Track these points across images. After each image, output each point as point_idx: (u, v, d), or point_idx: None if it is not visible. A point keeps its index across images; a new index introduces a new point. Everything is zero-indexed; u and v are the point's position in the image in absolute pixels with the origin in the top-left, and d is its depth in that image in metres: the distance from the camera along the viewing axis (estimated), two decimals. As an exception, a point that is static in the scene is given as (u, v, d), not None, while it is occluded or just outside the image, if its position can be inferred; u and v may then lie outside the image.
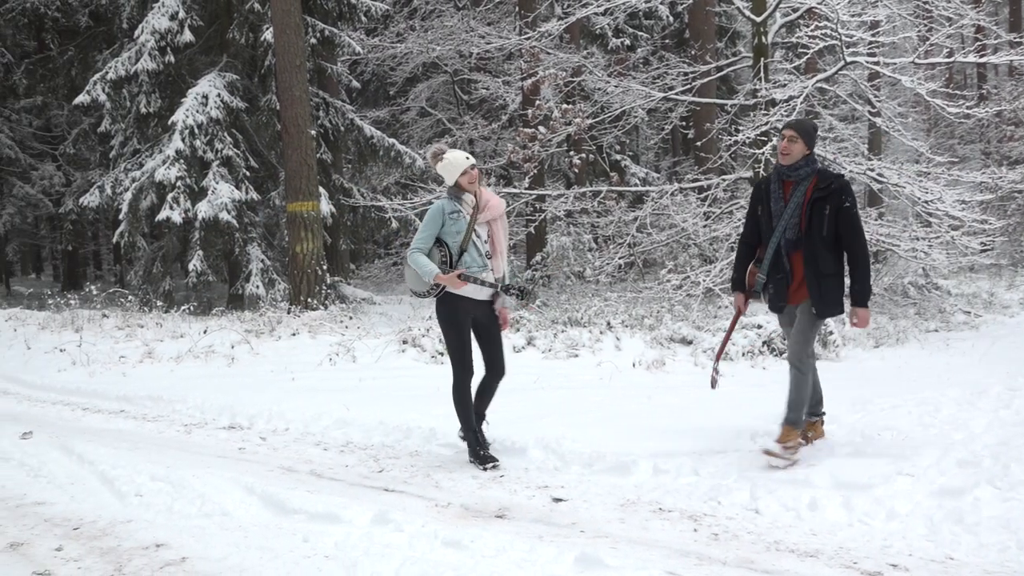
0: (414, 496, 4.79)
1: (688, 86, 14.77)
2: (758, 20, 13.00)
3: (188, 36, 16.38)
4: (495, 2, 19.65)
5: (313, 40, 17.02)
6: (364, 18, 18.43)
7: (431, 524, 4.17)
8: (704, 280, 12.56)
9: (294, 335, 11.96)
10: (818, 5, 12.44)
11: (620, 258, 14.46)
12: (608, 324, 11.30)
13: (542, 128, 14.54)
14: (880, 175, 12.67)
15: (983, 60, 14.00)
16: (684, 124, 19.20)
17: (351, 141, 18.70)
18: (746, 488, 4.52)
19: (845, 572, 3.52)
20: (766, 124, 12.12)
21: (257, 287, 15.87)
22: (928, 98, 12.62)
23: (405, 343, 10.60)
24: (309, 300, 14.03)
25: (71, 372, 10.05)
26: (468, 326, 5.32)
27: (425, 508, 4.55)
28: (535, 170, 15.35)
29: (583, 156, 18.00)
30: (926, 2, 13.64)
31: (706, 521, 4.19)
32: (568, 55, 15.79)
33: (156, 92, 16.86)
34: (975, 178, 13.17)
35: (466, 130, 20.30)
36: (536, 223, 16.43)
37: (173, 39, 16.34)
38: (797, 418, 4.96)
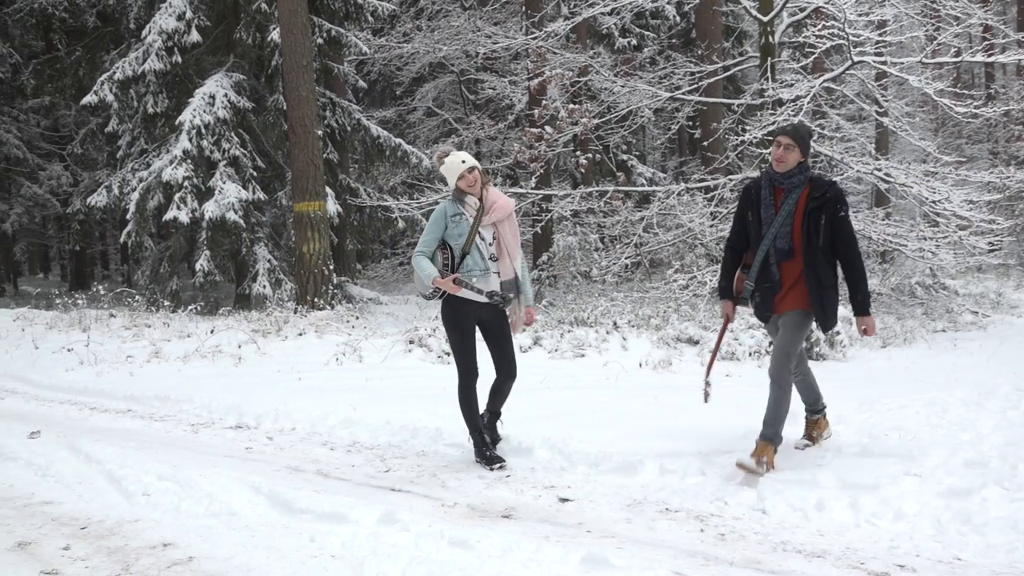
0: (420, 496, 4.79)
1: (695, 86, 14.75)
2: (765, 20, 12.98)
3: (195, 36, 16.41)
4: (501, 2, 19.64)
5: (320, 40, 17.04)
6: (371, 18, 18.46)
7: (437, 524, 4.18)
8: (711, 280, 12.55)
9: (301, 335, 11.98)
10: (825, 4, 12.42)
11: (626, 258, 14.45)
12: (614, 324, 11.30)
13: (548, 128, 14.54)
14: (887, 175, 12.64)
15: (991, 59, 13.97)
16: (691, 124, 19.19)
17: (358, 141, 18.72)
18: (753, 488, 4.51)
19: (852, 573, 3.51)
20: (773, 124, 12.10)
21: (264, 287, 15.89)
22: (936, 98, 12.61)
23: (411, 343, 10.61)
24: (316, 300, 14.05)
25: (78, 372, 10.08)
26: (472, 328, 5.31)
27: (431, 508, 4.55)
28: (541, 170, 15.36)
29: (589, 156, 17.99)
30: (933, 1, 13.59)
31: (713, 521, 4.19)
32: (574, 55, 15.77)
33: (163, 92, 16.90)
34: (983, 178, 13.13)
35: (472, 130, 20.30)
36: (542, 223, 16.43)
37: (180, 39, 16.37)
38: (773, 434, 4.81)
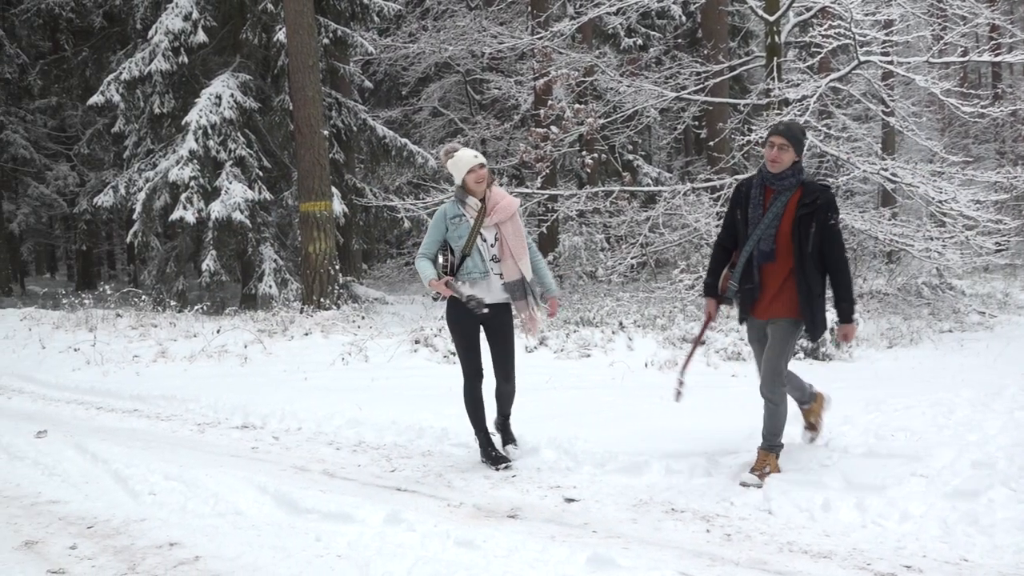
0: (426, 496, 4.80)
1: (701, 86, 14.73)
2: (771, 19, 12.96)
3: (202, 37, 16.43)
4: (507, 2, 19.63)
5: (326, 40, 17.05)
6: (376, 18, 18.48)
7: (443, 524, 4.18)
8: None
9: (307, 335, 11.99)
10: (831, 4, 12.39)
11: (632, 258, 14.43)
12: (620, 324, 11.29)
13: (554, 128, 14.54)
14: (894, 174, 12.61)
15: (998, 59, 13.95)
16: (696, 124, 19.18)
17: (363, 141, 18.75)
18: (759, 489, 4.51)
19: (859, 573, 3.51)
20: (779, 124, 12.06)
21: (270, 287, 15.92)
22: (942, 97, 12.56)
23: (417, 343, 10.61)
24: (322, 300, 14.07)
25: (85, 371, 10.10)
26: (474, 329, 5.28)
27: (437, 508, 4.55)
28: (547, 170, 15.34)
29: (595, 156, 17.97)
30: (940, 1, 13.55)
31: (719, 522, 4.19)
32: (580, 55, 15.76)
33: (170, 92, 16.92)
34: (990, 178, 13.07)
35: (478, 130, 20.30)
36: (548, 223, 16.42)
37: (187, 40, 16.39)
38: (773, 444, 4.82)
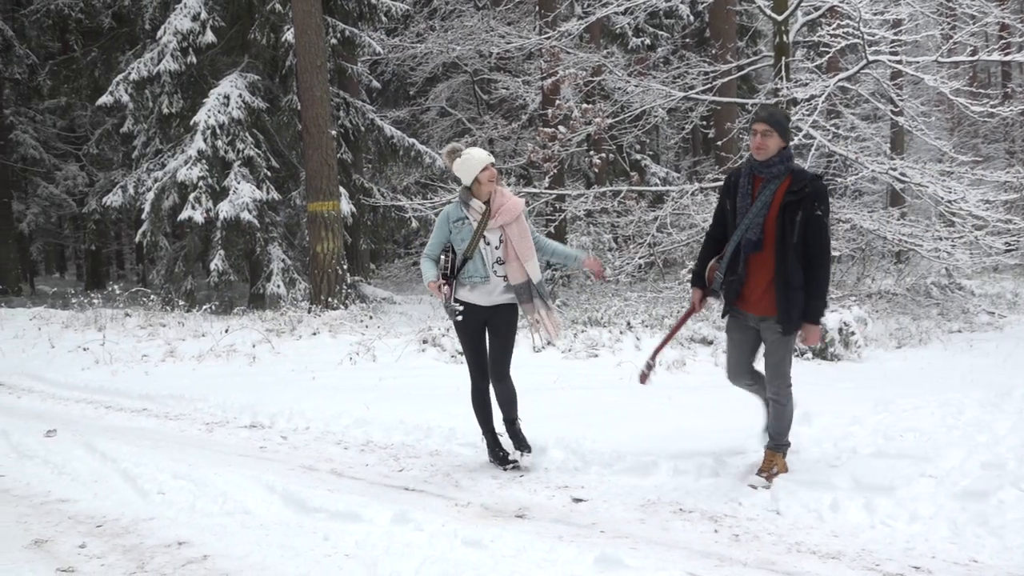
0: (434, 495, 4.80)
1: (708, 85, 14.69)
2: (779, 19, 12.92)
3: (210, 37, 16.48)
4: (515, 2, 19.63)
5: (334, 40, 17.08)
6: (384, 18, 18.52)
7: (451, 523, 4.18)
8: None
9: (315, 334, 12.01)
10: (840, 3, 12.35)
11: (640, 258, 14.41)
12: (628, 324, 11.28)
13: (562, 128, 14.52)
14: (903, 174, 12.57)
15: (1008, 58, 13.86)
16: (704, 123, 19.14)
17: (371, 141, 18.76)
18: (767, 489, 4.50)
19: (867, 574, 3.50)
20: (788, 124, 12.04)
21: (278, 286, 15.95)
22: (951, 97, 12.51)
23: (425, 343, 10.62)
24: (329, 299, 14.08)
25: (94, 371, 10.13)
26: (478, 331, 5.25)
27: (445, 507, 4.55)
28: (555, 170, 15.34)
29: (603, 156, 17.97)
30: (949, 0, 13.50)
31: (727, 522, 4.18)
32: (588, 55, 15.74)
33: (178, 93, 16.98)
34: (999, 177, 13.02)
35: (486, 130, 20.30)
36: (556, 223, 16.41)
37: (195, 40, 16.45)
38: (780, 443, 4.80)
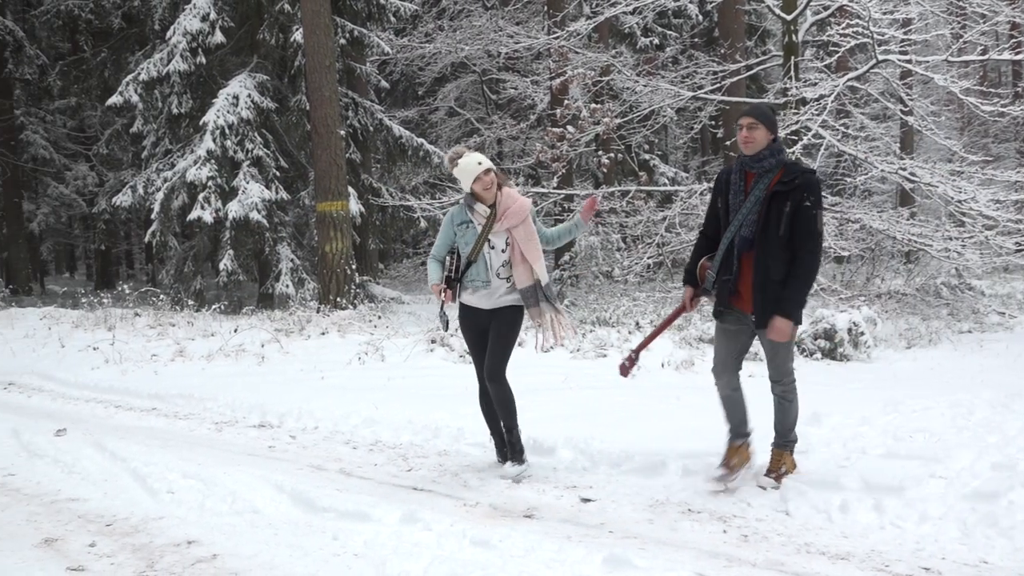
0: (443, 495, 4.80)
1: (717, 85, 14.67)
2: (788, 18, 12.90)
3: (219, 37, 16.52)
4: (523, 2, 19.63)
5: (342, 40, 17.10)
6: (393, 18, 18.52)
7: (460, 523, 4.18)
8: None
9: (323, 334, 12.03)
10: (849, 3, 12.32)
11: (648, 258, 14.39)
12: (636, 324, 11.26)
13: (570, 127, 14.51)
14: (912, 174, 12.53)
15: (1018, 57, 13.82)
16: (713, 123, 19.11)
17: (380, 141, 18.79)
18: (776, 490, 4.49)
19: (877, 575, 3.49)
20: (796, 123, 12.02)
21: (287, 286, 15.97)
22: (961, 96, 12.47)
23: (433, 342, 10.62)
24: (338, 299, 14.10)
25: (104, 370, 10.16)
26: (480, 335, 5.25)
27: (453, 507, 4.56)
28: (563, 170, 15.32)
29: (611, 156, 17.96)
30: (959, -1, 13.47)
31: (736, 522, 4.17)
32: (597, 54, 15.73)
33: (187, 93, 17.03)
34: (1010, 177, 12.96)
35: (494, 130, 20.31)
36: (564, 223, 16.39)
37: (204, 40, 16.49)
38: (787, 441, 4.77)
